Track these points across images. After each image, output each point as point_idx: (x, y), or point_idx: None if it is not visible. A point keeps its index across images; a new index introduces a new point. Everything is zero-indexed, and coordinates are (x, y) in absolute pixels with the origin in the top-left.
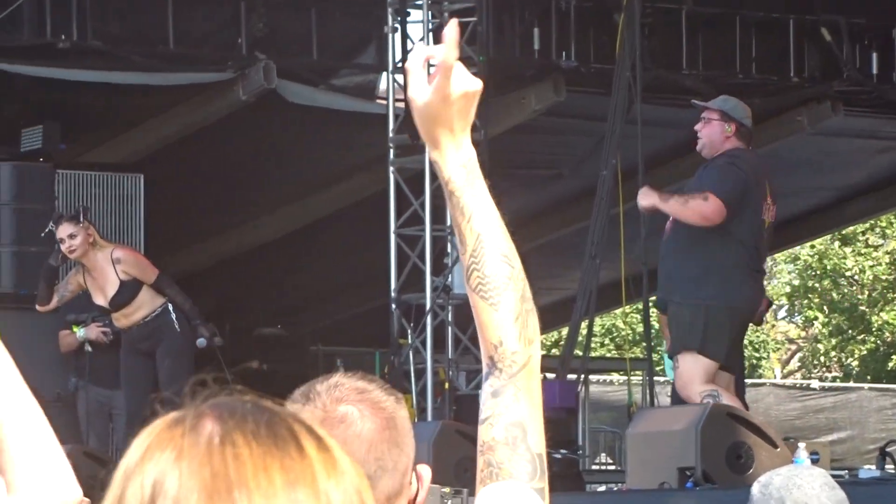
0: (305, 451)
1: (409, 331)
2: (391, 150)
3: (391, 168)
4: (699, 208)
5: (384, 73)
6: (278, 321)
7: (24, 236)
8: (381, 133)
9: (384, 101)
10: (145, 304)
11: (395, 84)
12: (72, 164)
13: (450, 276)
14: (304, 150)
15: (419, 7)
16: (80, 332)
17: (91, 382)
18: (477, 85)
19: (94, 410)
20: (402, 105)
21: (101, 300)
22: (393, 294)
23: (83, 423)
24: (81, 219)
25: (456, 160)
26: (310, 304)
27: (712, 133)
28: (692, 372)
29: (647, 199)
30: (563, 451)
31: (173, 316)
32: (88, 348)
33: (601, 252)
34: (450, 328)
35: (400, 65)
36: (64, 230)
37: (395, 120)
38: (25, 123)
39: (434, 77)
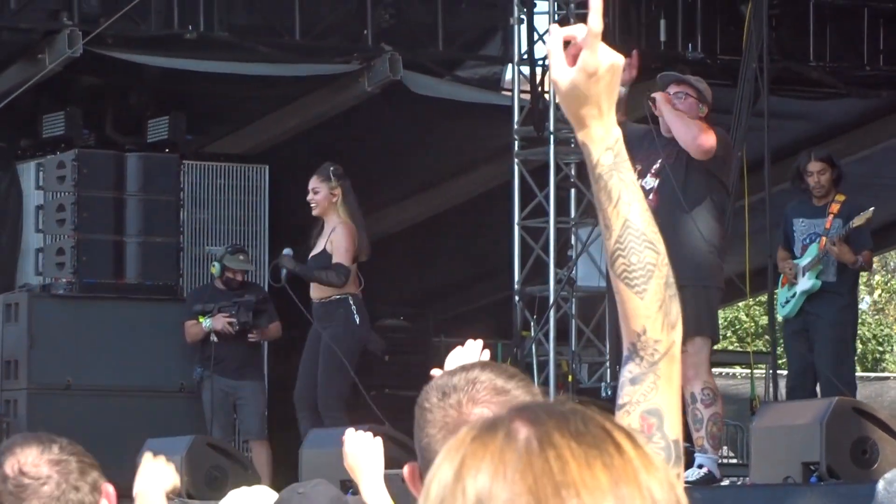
0: (623, 449)
1: (531, 323)
2: (516, 142)
3: (516, 160)
4: (702, 135)
5: (509, 65)
6: (402, 312)
7: (151, 226)
8: (506, 125)
9: (509, 93)
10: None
11: (521, 76)
12: (198, 155)
13: (574, 268)
14: (428, 142)
15: None
16: (206, 323)
17: (216, 373)
18: (620, 59)
19: (219, 401)
20: (527, 97)
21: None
22: (516, 286)
23: (207, 413)
24: (331, 176)
25: (604, 142)
26: (433, 295)
27: (688, 110)
28: (701, 357)
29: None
30: (685, 444)
31: (353, 309)
32: (214, 339)
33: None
34: (573, 321)
35: (525, 56)
36: (311, 182)
37: (520, 112)
38: (152, 114)
39: (577, 53)
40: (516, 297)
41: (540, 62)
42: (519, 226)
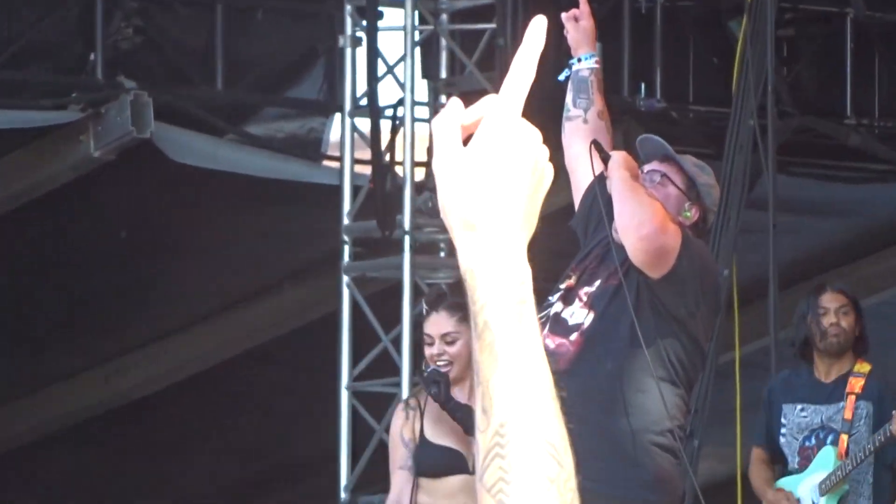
0: None
1: None
2: (345, 248)
3: (344, 279)
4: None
5: (336, 116)
6: None
7: None
8: (330, 217)
9: (335, 164)
10: None
11: (356, 134)
12: None
13: None
14: (204, 244)
15: (399, 3)
16: None
17: None
18: (544, 150)
19: None
20: (366, 171)
21: None
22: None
23: None
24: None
25: (499, 276)
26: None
27: (665, 203)
28: None
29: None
30: None
31: None
32: None
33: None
34: None
35: (364, 102)
36: (440, 324)
37: (353, 197)
38: None
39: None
40: None
41: (389, 111)
42: (349, 390)
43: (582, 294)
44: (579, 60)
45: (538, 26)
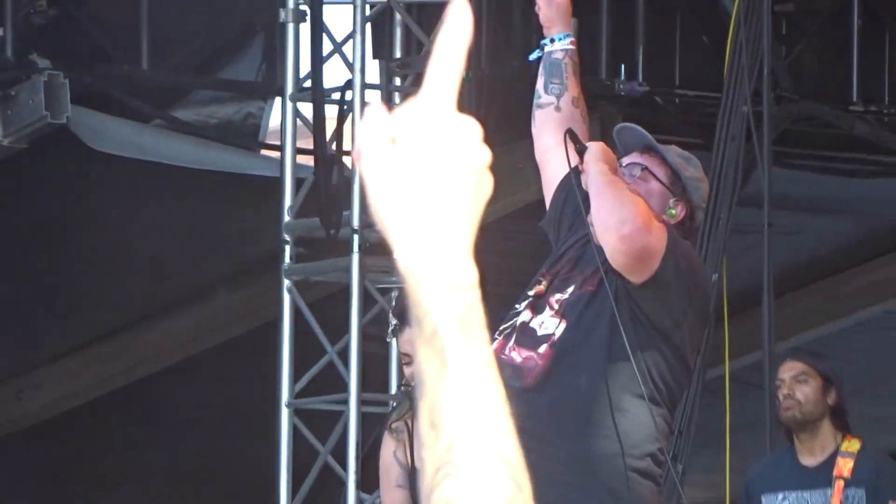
0: None
1: None
2: (286, 250)
3: (285, 284)
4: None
5: (276, 101)
6: None
7: None
8: (270, 213)
9: (275, 154)
10: None
11: (299, 120)
12: None
13: None
14: (128, 244)
15: None
16: None
17: None
18: (486, 153)
19: None
20: (309, 162)
21: None
22: None
23: None
24: None
25: (445, 277)
26: None
27: (648, 199)
28: None
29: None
30: None
31: None
32: None
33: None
34: None
35: (308, 85)
36: (405, 343)
37: (296, 191)
38: None
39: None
40: None
41: (336, 95)
42: (290, 408)
43: (553, 301)
44: (552, 41)
45: (461, 8)
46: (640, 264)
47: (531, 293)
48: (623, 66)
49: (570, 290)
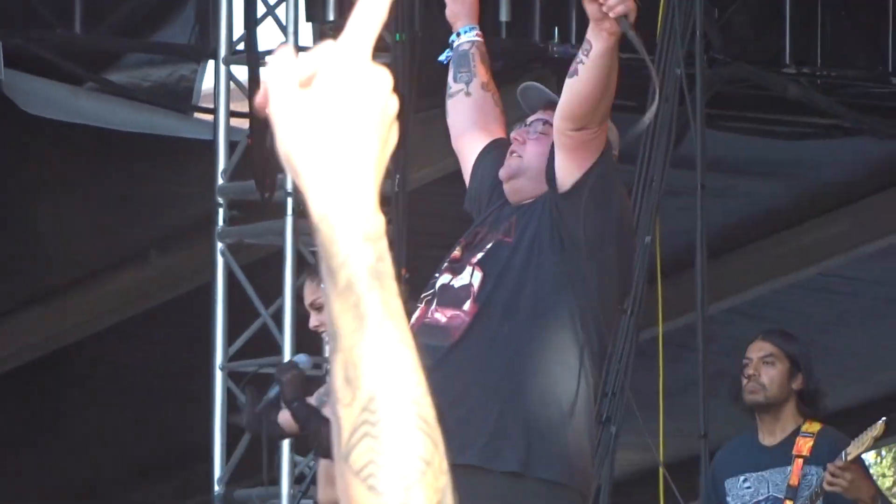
0: None
1: None
2: (220, 212)
3: (218, 246)
4: None
5: (209, 63)
6: None
7: None
8: (203, 176)
9: (209, 117)
10: None
11: (233, 83)
12: None
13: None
14: (59, 207)
15: None
16: None
17: None
18: (387, 79)
19: None
20: (244, 124)
21: None
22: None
23: None
24: None
25: (358, 226)
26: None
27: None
28: None
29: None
30: None
31: None
32: None
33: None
34: None
35: (242, 47)
36: (307, 294)
37: (229, 154)
38: None
39: (316, 76)
40: None
41: (269, 58)
42: (223, 371)
43: (472, 261)
44: (458, 35)
45: None
46: (582, 133)
47: (448, 259)
48: (556, 29)
49: (488, 247)
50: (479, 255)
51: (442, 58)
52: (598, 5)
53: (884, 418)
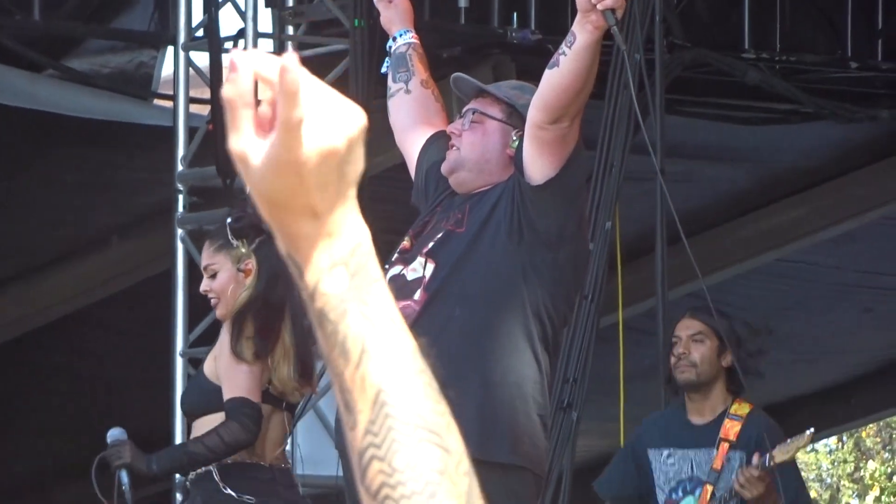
0: None
1: None
2: (179, 199)
3: (178, 233)
4: None
5: (168, 50)
6: None
7: None
8: (163, 163)
9: (168, 104)
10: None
11: (193, 70)
12: None
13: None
14: (18, 194)
15: None
16: None
17: None
18: (357, 122)
19: None
20: (203, 111)
21: None
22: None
23: None
24: (234, 238)
25: (326, 259)
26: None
27: (486, 144)
28: None
29: None
30: None
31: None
32: None
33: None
34: None
35: (202, 34)
36: (204, 256)
37: (188, 140)
38: None
39: (272, 121)
40: None
41: (229, 44)
42: (184, 357)
43: (422, 251)
44: (394, 39)
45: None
46: (555, 135)
47: (398, 251)
48: (515, 15)
49: (438, 237)
50: (430, 245)
51: (383, 69)
52: None
53: (811, 429)
